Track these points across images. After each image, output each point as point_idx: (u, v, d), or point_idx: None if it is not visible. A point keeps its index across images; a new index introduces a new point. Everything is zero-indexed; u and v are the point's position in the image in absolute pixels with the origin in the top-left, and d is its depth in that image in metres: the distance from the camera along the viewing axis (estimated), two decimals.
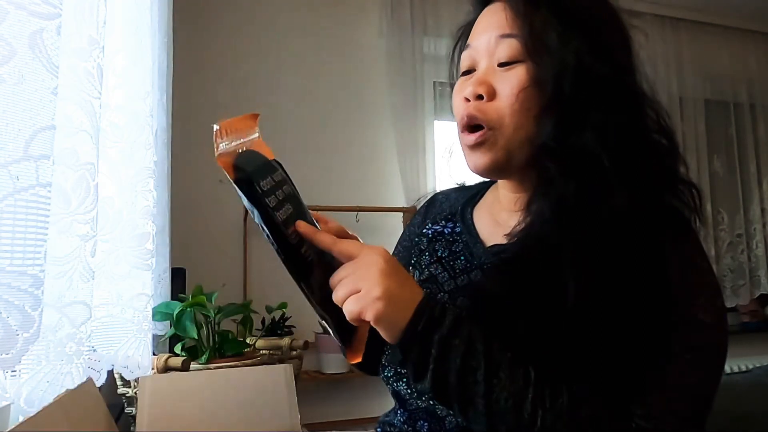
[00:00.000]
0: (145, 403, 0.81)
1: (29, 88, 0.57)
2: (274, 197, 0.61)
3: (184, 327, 1.10)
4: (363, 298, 0.58)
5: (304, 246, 0.61)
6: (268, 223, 0.60)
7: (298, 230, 0.61)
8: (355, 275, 0.60)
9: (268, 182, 0.61)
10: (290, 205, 0.62)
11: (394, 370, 0.73)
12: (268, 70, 2.52)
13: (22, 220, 0.56)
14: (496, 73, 0.71)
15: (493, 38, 0.72)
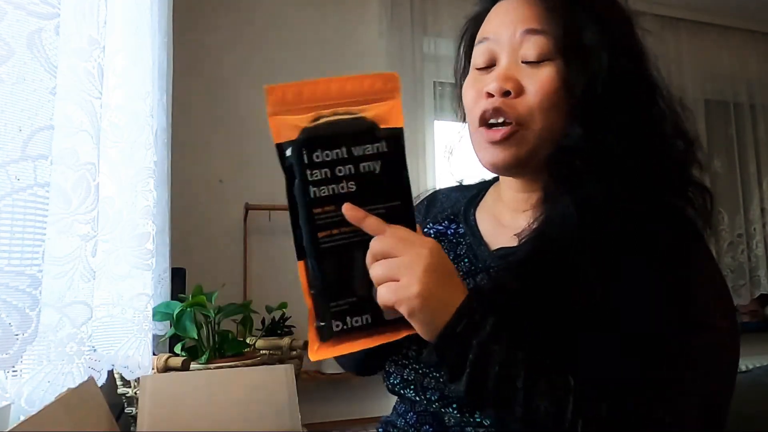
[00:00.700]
0: (145, 403, 0.81)
1: (28, 88, 0.57)
2: (325, 170, 0.58)
3: (184, 327, 1.10)
4: (400, 291, 0.56)
5: (334, 228, 0.58)
6: (289, 193, 0.58)
7: (344, 213, 0.58)
8: (398, 262, 0.56)
9: (327, 155, 0.58)
10: (356, 185, 0.58)
11: (400, 377, 0.72)
12: (269, 70, 2.52)
13: (20, 220, 0.56)
14: (521, 69, 0.70)
15: (519, 33, 0.70)
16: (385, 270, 0.57)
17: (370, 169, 0.58)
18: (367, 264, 0.58)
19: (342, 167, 0.58)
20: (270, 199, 2.41)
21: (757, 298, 3.26)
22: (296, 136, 0.59)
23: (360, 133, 0.59)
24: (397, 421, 0.73)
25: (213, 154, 2.42)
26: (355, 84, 0.60)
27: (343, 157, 0.58)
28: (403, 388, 0.71)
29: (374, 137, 0.59)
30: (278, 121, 0.60)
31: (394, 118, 0.59)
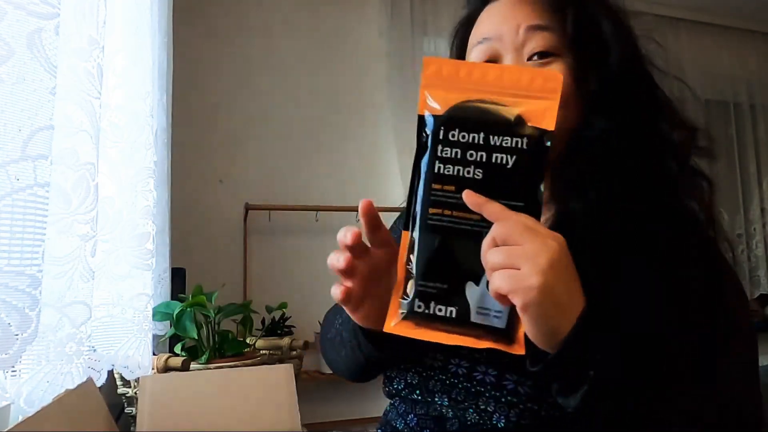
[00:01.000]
0: (145, 403, 0.81)
1: (27, 88, 0.56)
2: (456, 150, 0.56)
3: (184, 327, 1.10)
4: (518, 280, 0.50)
5: (446, 209, 0.56)
6: (415, 164, 0.57)
7: (464, 197, 0.54)
8: (521, 251, 0.51)
9: (463, 136, 0.56)
10: (482, 174, 0.56)
11: (404, 382, 0.72)
12: (268, 70, 2.53)
13: (20, 220, 0.56)
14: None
15: (522, 30, 0.69)
16: (504, 256, 0.52)
17: (502, 161, 0.56)
18: (483, 249, 0.53)
19: (474, 152, 0.56)
20: (270, 199, 2.41)
21: (757, 298, 3.26)
22: (440, 112, 0.57)
23: (502, 124, 0.56)
24: (397, 422, 0.73)
25: (213, 154, 2.42)
26: (513, 75, 0.57)
27: (478, 142, 0.56)
28: (410, 393, 0.70)
29: (516, 131, 0.56)
30: (427, 94, 0.58)
31: (547, 119, 0.56)
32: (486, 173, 0.56)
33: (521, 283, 0.50)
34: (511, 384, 0.63)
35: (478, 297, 0.54)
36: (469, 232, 0.55)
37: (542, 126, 0.56)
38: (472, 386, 0.65)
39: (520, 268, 0.50)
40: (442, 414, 0.67)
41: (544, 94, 0.56)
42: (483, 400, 0.64)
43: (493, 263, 0.52)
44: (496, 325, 0.54)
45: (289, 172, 2.49)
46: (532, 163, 0.56)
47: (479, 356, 0.66)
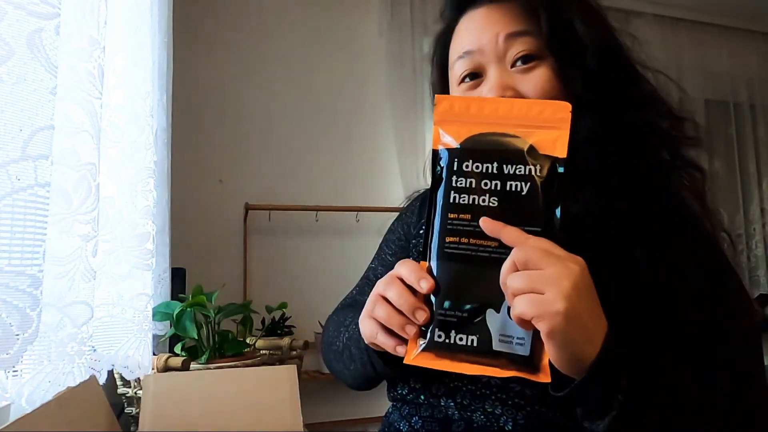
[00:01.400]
0: (148, 402, 0.81)
1: (28, 88, 0.56)
2: (471, 180, 0.58)
3: (184, 327, 1.10)
4: (542, 305, 0.49)
5: (463, 237, 0.57)
6: (431, 196, 0.59)
7: (481, 224, 0.55)
8: (543, 275, 0.50)
9: (477, 166, 0.58)
10: (498, 202, 0.57)
11: (408, 387, 0.71)
12: (268, 70, 2.53)
13: (20, 220, 0.56)
14: (512, 75, 0.68)
15: (501, 38, 0.69)
16: (526, 281, 0.50)
17: (517, 188, 0.57)
18: (502, 275, 0.53)
19: (488, 181, 0.58)
20: (270, 199, 2.41)
21: (757, 297, 3.26)
22: (453, 146, 0.60)
23: (515, 153, 0.58)
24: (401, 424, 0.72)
25: (213, 154, 2.42)
26: (523, 107, 0.59)
27: (492, 171, 0.58)
28: (415, 397, 0.70)
29: (529, 160, 0.57)
30: (440, 130, 0.61)
31: (558, 147, 0.57)
32: (501, 201, 0.57)
33: (546, 308, 0.49)
34: (517, 386, 0.63)
35: (499, 324, 0.54)
36: (487, 259, 0.55)
37: (554, 154, 0.57)
38: (477, 389, 0.65)
39: (544, 293, 0.49)
40: (447, 416, 0.67)
41: (554, 123, 0.57)
42: (489, 403, 0.64)
43: (514, 288, 0.51)
44: (519, 352, 0.53)
45: (289, 172, 2.49)
46: (546, 189, 0.56)
47: None
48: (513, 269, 0.52)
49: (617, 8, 2.96)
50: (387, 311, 0.58)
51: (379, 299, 0.59)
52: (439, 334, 0.55)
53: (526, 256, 0.51)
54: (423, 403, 0.69)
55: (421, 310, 0.56)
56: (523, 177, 0.57)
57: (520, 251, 0.52)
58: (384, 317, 0.58)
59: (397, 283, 0.58)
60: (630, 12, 3.06)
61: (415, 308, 0.56)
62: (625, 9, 3.02)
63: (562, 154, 0.56)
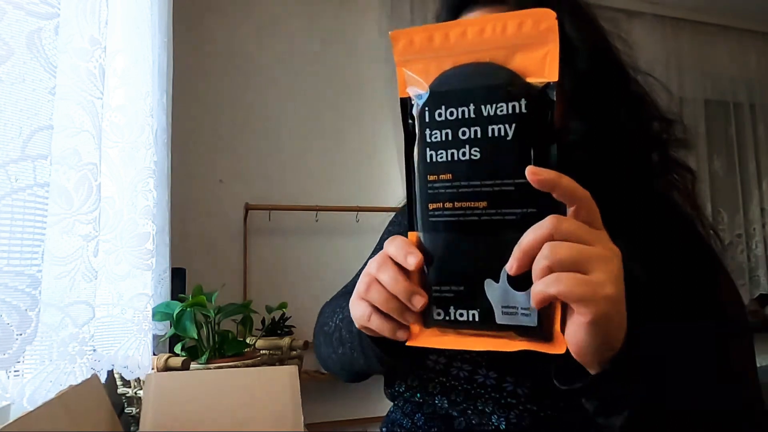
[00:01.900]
0: (149, 401, 0.81)
1: (27, 87, 0.56)
2: (446, 131, 0.49)
3: (184, 327, 1.10)
4: (592, 287, 0.43)
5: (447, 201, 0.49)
6: (407, 157, 0.50)
7: (529, 175, 0.45)
8: (592, 252, 0.44)
9: (452, 113, 0.49)
10: (480, 153, 0.48)
11: (405, 384, 0.71)
12: (268, 69, 2.52)
13: (19, 220, 0.56)
14: None
15: None
16: (574, 254, 0.43)
17: (501, 133, 0.47)
18: (532, 240, 0.44)
19: (467, 129, 0.48)
20: (270, 199, 2.41)
21: (757, 297, 3.26)
22: (423, 90, 0.50)
23: (494, 88, 0.48)
24: (404, 421, 0.72)
25: (213, 154, 2.42)
26: (498, 25, 0.48)
27: (469, 116, 0.48)
28: (412, 396, 0.70)
29: (511, 93, 0.47)
30: (405, 72, 0.51)
31: (547, 68, 0.46)
32: (483, 151, 0.48)
33: (597, 291, 0.43)
34: (510, 386, 0.63)
35: (500, 295, 0.48)
36: (477, 223, 0.48)
37: (543, 77, 0.47)
38: (472, 388, 0.65)
39: (590, 273, 0.43)
40: (449, 414, 0.67)
41: (537, 38, 0.47)
42: (482, 402, 0.64)
43: (557, 260, 0.43)
44: (526, 323, 0.47)
45: (289, 172, 2.49)
46: (536, 128, 0.47)
47: (481, 359, 0.66)
48: (549, 236, 0.44)
49: (617, 8, 2.96)
50: (382, 295, 0.52)
51: (373, 281, 0.53)
52: (437, 312, 0.50)
53: (572, 227, 0.44)
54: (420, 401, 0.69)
55: (418, 296, 0.50)
56: (507, 117, 0.47)
57: (563, 219, 0.44)
58: (379, 301, 0.53)
59: (389, 264, 0.52)
60: (630, 12, 3.06)
61: (412, 293, 0.50)
62: (625, 9, 3.02)
63: (554, 77, 0.46)
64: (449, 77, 0.50)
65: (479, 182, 0.48)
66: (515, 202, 0.47)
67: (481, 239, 0.48)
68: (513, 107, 0.47)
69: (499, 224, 0.47)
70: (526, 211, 0.47)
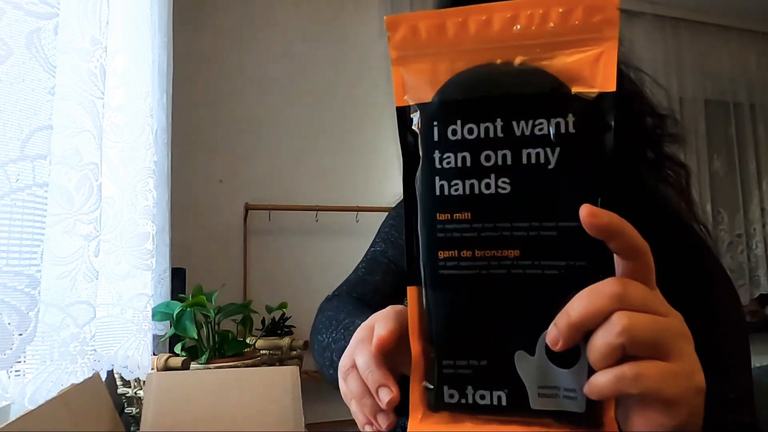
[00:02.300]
0: (150, 401, 0.81)
1: (26, 87, 0.56)
2: (463, 155, 0.36)
3: (184, 327, 1.10)
4: (683, 380, 0.32)
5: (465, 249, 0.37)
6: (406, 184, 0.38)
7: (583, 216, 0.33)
8: (669, 326, 0.33)
9: (471, 130, 0.36)
10: (510, 185, 0.36)
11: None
12: (269, 69, 2.52)
13: (18, 220, 0.56)
14: None
15: None
16: (657, 333, 0.32)
17: (539, 160, 0.35)
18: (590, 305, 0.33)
19: (492, 153, 0.36)
20: (270, 199, 2.41)
21: (757, 298, 3.26)
22: (428, 98, 0.38)
23: (531, 98, 0.36)
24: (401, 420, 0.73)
25: (213, 154, 2.42)
26: (535, 14, 0.35)
27: (495, 135, 0.36)
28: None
29: (555, 107, 0.35)
30: (404, 72, 0.38)
31: (602, 76, 0.35)
32: (516, 183, 0.36)
33: (689, 386, 0.33)
34: None
35: (536, 372, 0.36)
36: (505, 277, 0.36)
37: (596, 87, 0.35)
38: None
39: (670, 358, 0.32)
40: None
41: (591, 33, 0.35)
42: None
43: (638, 339, 0.32)
44: (571, 408, 0.35)
45: (289, 172, 2.49)
46: (589, 153, 0.35)
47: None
48: (613, 306, 0.32)
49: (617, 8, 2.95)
50: (358, 387, 0.46)
51: (352, 364, 0.47)
52: (450, 393, 0.38)
53: (643, 293, 0.33)
54: None
55: (386, 389, 0.41)
56: (547, 138, 0.35)
57: (629, 282, 0.33)
58: (356, 393, 0.47)
59: (365, 344, 0.44)
60: (630, 12, 3.06)
61: (379, 385, 0.42)
62: (625, 9, 3.02)
63: (610, 86, 0.34)
64: (465, 81, 0.37)
65: (509, 224, 0.36)
66: (558, 251, 0.35)
67: (510, 299, 0.36)
68: (557, 125, 0.35)
69: (536, 280, 0.36)
70: (573, 264, 0.35)
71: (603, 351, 0.32)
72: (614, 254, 0.34)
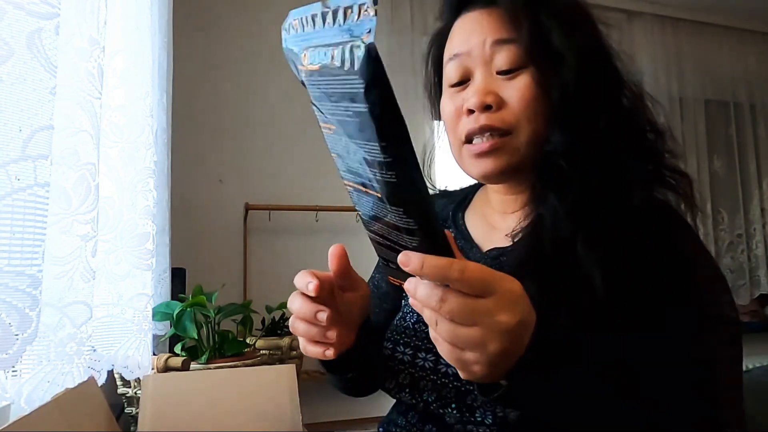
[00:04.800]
0: (147, 403, 0.81)
1: (27, 87, 0.57)
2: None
3: (184, 327, 1.10)
4: (462, 363, 0.47)
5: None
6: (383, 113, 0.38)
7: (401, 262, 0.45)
8: (469, 335, 0.45)
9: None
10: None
11: (395, 381, 0.72)
12: (269, 69, 2.52)
13: (20, 220, 0.56)
14: (497, 81, 0.69)
15: (488, 44, 0.70)
16: (449, 336, 0.46)
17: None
18: (420, 299, 0.46)
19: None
20: (270, 199, 2.41)
21: (757, 298, 3.26)
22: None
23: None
24: (398, 419, 0.73)
25: (213, 154, 2.42)
26: None
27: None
28: (399, 392, 0.71)
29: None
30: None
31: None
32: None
33: (466, 367, 0.47)
34: None
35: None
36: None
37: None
38: (462, 386, 0.66)
39: (464, 355, 0.46)
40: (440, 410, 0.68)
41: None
42: (471, 398, 0.65)
43: (438, 336, 0.47)
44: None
45: (289, 172, 2.49)
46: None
47: None
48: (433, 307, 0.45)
49: (617, 8, 2.96)
50: (304, 327, 0.60)
51: (293, 316, 0.61)
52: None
53: (451, 308, 0.44)
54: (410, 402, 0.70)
55: (321, 312, 0.57)
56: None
57: (446, 303, 0.44)
58: (304, 333, 0.60)
59: (296, 294, 0.60)
60: (630, 12, 3.06)
61: (316, 311, 0.57)
62: (625, 9, 3.02)
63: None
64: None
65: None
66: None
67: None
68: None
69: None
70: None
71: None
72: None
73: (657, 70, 3.06)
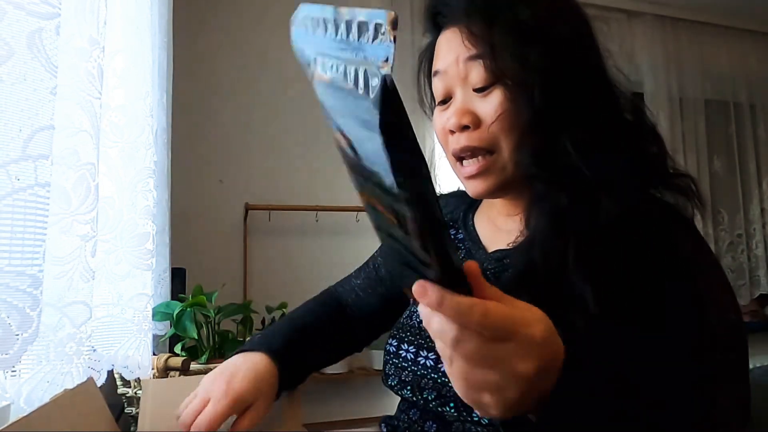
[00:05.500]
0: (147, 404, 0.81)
1: (28, 87, 0.57)
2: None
3: (184, 327, 1.10)
4: (477, 405, 0.46)
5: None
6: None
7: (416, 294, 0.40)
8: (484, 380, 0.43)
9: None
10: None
11: (398, 378, 0.72)
12: (269, 69, 2.52)
13: (20, 220, 0.56)
14: (474, 99, 0.69)
15: (461, 62, 0.69)
16: (466, 376, 0.44)
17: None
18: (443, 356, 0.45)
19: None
20: (270, 199, 2.41)
21: (757, 298, 3.26)
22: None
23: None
24: (400, 416, 0.74)
25: (213, 154, 2.42)
26: None
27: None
28: (401, 389, 0.72)
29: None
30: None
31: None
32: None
33: (481, 409, 0.45)
34: None
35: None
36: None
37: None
38: None
39: (482, 398, 0.44)
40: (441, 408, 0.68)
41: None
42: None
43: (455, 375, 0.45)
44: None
45: (289, 172, 2.49)
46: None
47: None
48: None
49: (617, 8, 2.96)
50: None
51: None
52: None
53: (468, 350, 0.42)
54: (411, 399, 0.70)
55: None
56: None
57: (460, 340, 0.42)
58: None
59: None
60: (630, 12, 3.06)
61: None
62: (625, 9, 3.02)
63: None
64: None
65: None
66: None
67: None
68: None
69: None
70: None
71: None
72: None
73: (657, 70, 3.06)
